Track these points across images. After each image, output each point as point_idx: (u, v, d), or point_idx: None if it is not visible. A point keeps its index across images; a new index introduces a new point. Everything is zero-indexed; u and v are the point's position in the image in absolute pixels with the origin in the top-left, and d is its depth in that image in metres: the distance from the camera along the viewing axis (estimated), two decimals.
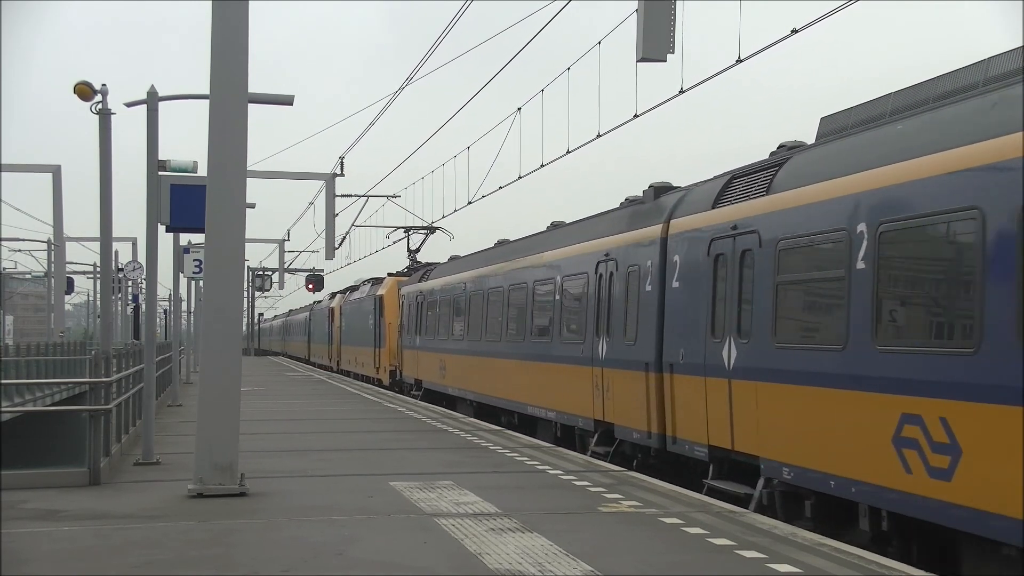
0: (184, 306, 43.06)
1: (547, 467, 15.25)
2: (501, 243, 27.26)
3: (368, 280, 47.58)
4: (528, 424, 21.82)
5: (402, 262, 44.47)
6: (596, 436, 17.56)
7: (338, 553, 9.56)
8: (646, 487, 13.36)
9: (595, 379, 17.48)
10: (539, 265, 21.26)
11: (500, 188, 28.10)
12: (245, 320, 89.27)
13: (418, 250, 41.66)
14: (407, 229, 41.17)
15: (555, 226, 23.19)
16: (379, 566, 9.10)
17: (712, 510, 11.64)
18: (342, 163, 33.25)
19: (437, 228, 39.96)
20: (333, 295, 60.70)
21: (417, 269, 38.32)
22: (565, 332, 19.32)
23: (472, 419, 24.15)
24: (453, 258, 32.79)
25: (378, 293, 41.46)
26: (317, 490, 13.35)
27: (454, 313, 28.25)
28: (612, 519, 11.19)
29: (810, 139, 13.31)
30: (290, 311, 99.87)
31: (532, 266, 21.73)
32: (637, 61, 14.35)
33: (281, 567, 9.02)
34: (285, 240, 56.48)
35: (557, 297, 19.70)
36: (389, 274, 42.31)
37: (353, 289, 51.61)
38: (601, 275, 17.45)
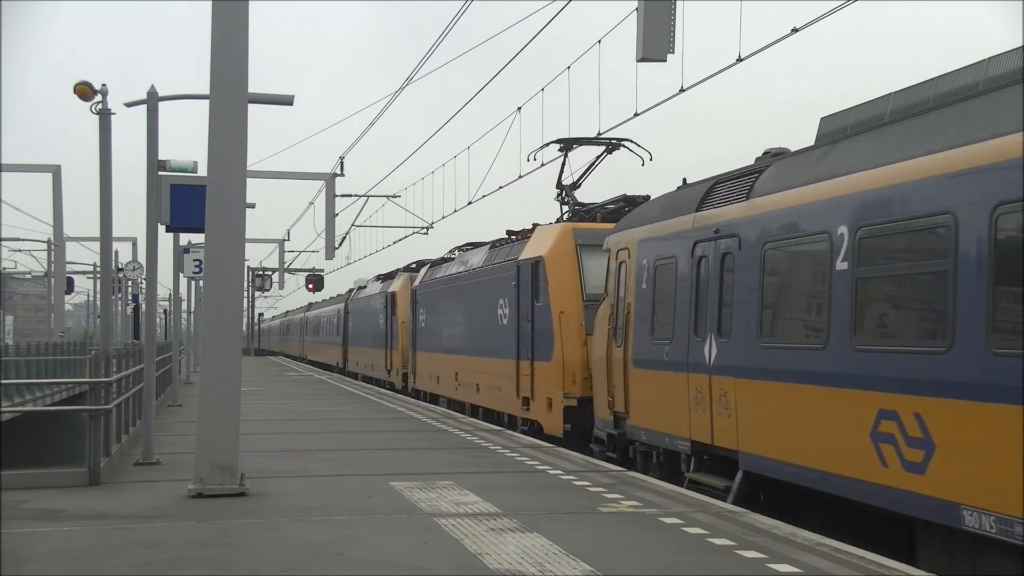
0: (184, 306, 43.08)
1: (547, 467, 15.24)
2: None
3: (466, 245, 29.97)
4: None
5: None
6: None
7: (338, 553, 9.55)
8: (646, 487, 13.36)
9: None
10: None
11: (500, 188, 28.03)
12: (245, 320, 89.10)
13: (577, 184, 23.40)
14: (566, 145, 22.92)
15: None
16: (379, 566, 9.10)
17: (712, 510, 11.64)
18: (342, 163, 33.33)
19: (623, 143, 22.60)
20: (385, 276, 42.87)
21: (618, 203, 21.27)
22: None
23: (472, 419, 24.12)
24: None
25: (529, 256, 21.40)
26: (317, 490, 13.35)
27: None
28: (612, 519, 11.19)
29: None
30: (310, 304, 77.62)
31: None
32: (637, 61, 14.38)
33: (281, 567, 9.02)
34: (285, 240, 56.70)
35: None
36: (548, 223, 22.41)
37: (437, 263, 32.29)
38: None
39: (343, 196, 36.53)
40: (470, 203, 30.19)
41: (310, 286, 59.54)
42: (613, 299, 17.00)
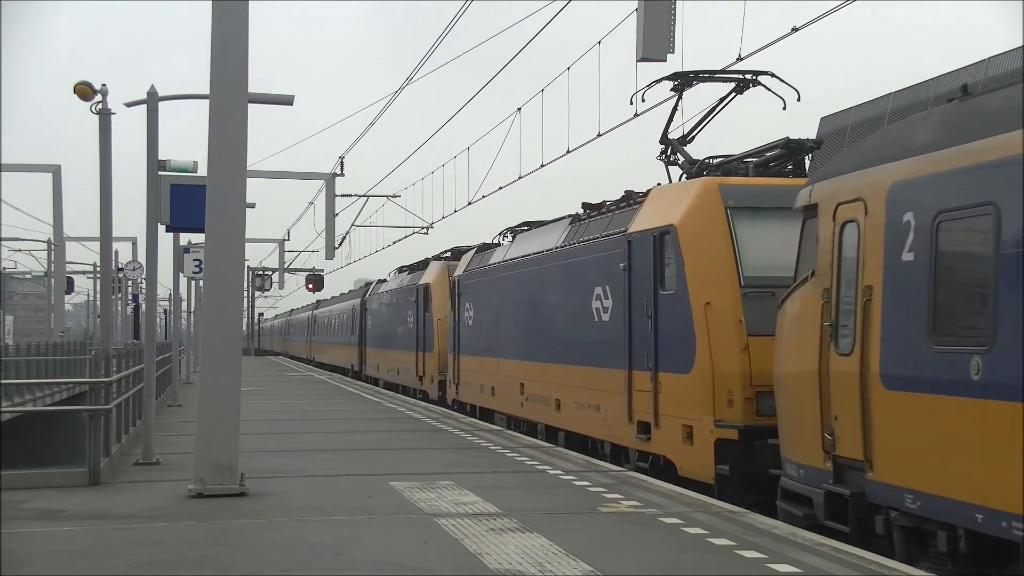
0: (184, 306, 43.09)
1: (547, 467, 15.24)
2: None
3: (521, 226, 24.41)
4: None
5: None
6: None
7: (338, 553, 9.55)
8: (646, 487, 13.36)
9: None
10: None
11: (500, 188, 28.02)
12: (245, 320, 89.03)
13: (689, 137, 16.80)
14: (683, 81, 16.40)
15: None
16: (379, 566, 9.10)
17: (712, 510, 11.64)
18: (342, 163, 33.34)
19: (759, 79, 16.27)
20: (412, 267, 36.97)
21: (777, 150, 15.03)
22: None
23: (472, 419, 24.14)
24: None
25: (650, 227, 15.36)
26: (317, 490, 13.35)
27: None
28: (612, 519, 11.19)
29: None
30: (318, 301, 69.37)
31: None
32: (637, 61, 14.41)
33: (281, 567, 9.02)
34: (285, 240, 56.70)
35: None
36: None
37: (485, 249, 26.56)
38: None
39: (343, 196, 36.56)
40: (470, 203, 30.22)
41: (310, 286, 59.60)
42: (828, 282, 11.00)
